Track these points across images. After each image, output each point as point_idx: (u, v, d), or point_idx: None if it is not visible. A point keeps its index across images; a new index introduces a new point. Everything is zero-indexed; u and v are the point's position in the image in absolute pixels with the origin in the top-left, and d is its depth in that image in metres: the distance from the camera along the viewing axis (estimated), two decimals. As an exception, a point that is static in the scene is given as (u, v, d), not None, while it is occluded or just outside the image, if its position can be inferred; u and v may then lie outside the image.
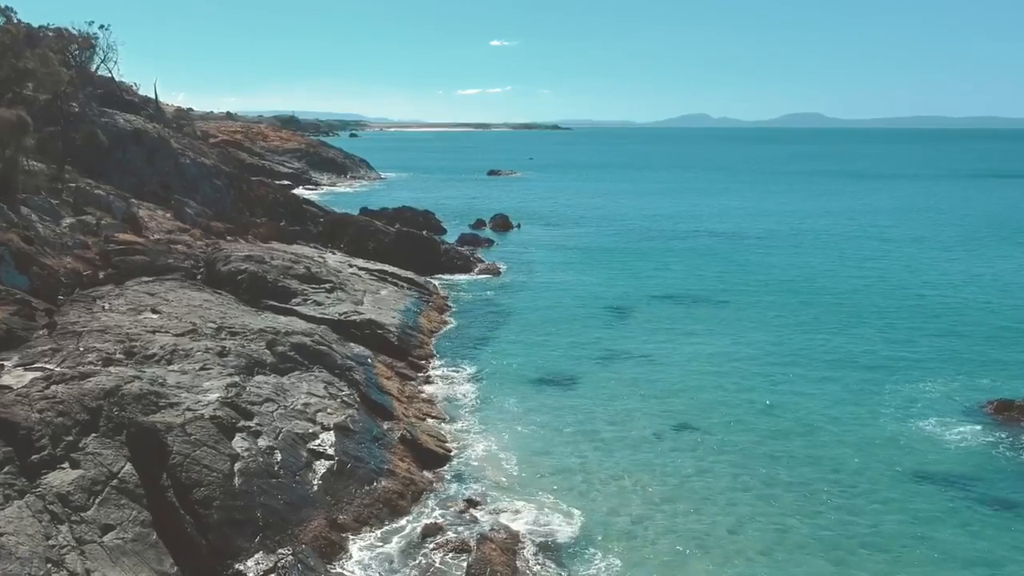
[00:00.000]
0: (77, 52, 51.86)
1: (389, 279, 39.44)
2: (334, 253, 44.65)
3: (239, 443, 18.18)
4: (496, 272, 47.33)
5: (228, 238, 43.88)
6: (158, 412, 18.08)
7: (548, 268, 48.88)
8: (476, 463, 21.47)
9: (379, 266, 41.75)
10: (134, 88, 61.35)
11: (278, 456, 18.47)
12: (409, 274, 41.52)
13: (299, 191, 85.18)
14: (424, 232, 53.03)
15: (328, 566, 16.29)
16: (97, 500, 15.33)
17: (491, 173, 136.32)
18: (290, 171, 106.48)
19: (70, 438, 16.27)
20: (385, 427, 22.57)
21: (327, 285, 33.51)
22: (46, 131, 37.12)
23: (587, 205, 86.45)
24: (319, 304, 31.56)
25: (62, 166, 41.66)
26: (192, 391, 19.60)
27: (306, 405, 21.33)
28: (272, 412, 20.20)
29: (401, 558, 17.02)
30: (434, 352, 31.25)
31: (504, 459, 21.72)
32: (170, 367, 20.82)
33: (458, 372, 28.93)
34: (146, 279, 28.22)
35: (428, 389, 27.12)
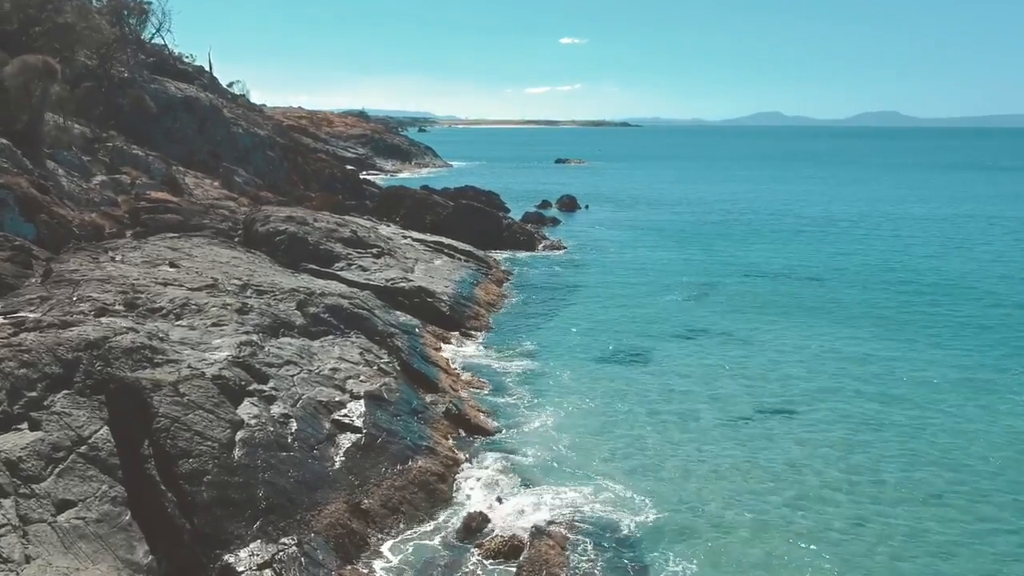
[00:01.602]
0: (127, 16, 49.93)
1: (445, 250, 36.19)
2: (388, 225, 41.62)
3: (246, 409, 14.97)
4: (561, 249, 43.75)
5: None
6: (152, 369, 15.01)
7: (618, 246, 45.08)
8: (530, 443, 17.90)
9: (435, 238, 38.54)
10: (188, 59, 59.34)
11: (293, 426, 15.23)
12: (467, 247, 38.19)
13: (363, 176, 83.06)
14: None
15: (346, 564, 12.94)
16: (57, 470, 12.28)
17: (559, 161, 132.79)
18: (354, 156, 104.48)
19: (33, 394, 13.27)
20: (428, 399, 19.21)
21: (374, 250, 30.37)
22: (83, 87, 34.72)
23: (659, 189, 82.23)
24: (364, 269, 28.42)
25: (105, 129, 39.53)
26: (198, 348, 16.51)
27: (334, 370, 18.09)
28: (293, 376, 17.00)
29: (438, 554, 13.62)
30: (490, 324, 27.83)
31: (562, 440, 18.10)
32: (177, 322, 17.79)
33: (514, 345, 25.43)
34: (171, 235, 25.42)
35: (480, 361, 23.68)
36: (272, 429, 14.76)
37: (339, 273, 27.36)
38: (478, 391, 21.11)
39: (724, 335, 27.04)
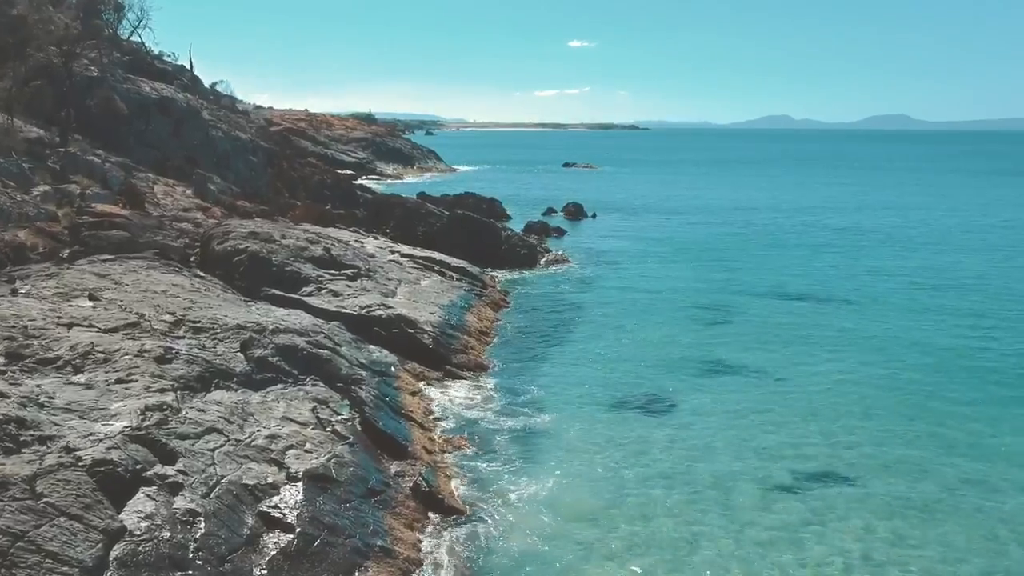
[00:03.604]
0: (103, 11, 46.43)
1: (436, 268, 32.47)
2: (376, 238, 37.95)
3: (137, 506, 11.25)
4: (566, 263, 39.99)
5: (257, 219, 37.67)
6: (16, 453, 11.29)
7: (627, 261, 41.26)
8: (517, 530, 14.08)
9: (426, 253, 34.83)
10: (168, 58, 55.72)
11: (200, 527, 11.47)
12: (461, 263, 34.47)
13: (362, 181, 79.74)
14: (489, 219, 45.79)
15: None
16: None
17: (566, 165, 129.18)
18: (354, 160, 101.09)
19: None
20: (392, 470, 15.45)
21: (350, 271, 26.64)
22: (32, 84, 31.14)
23: (671, 196, 78.33)
24: (336, 294, 24.70)
25: (66, 133, 36.00)
26: (88, 417, 12.78)
27: (272, 439, 14.32)
28: (213, 450, 13.24)
29: None
30: (481, 359, 24.04)
31: (557, 525, 14.30)
32: (73, 377, 14.07)
33: (507, 387, 21.67)
34: (106, 257, 21.75)
35: (465, 410, 19.89)
36: (168, 536, 11.01)
37: (305, 299, 23.67)
38: (459, 452, 17.36)
39: (749, 372, 23.26)
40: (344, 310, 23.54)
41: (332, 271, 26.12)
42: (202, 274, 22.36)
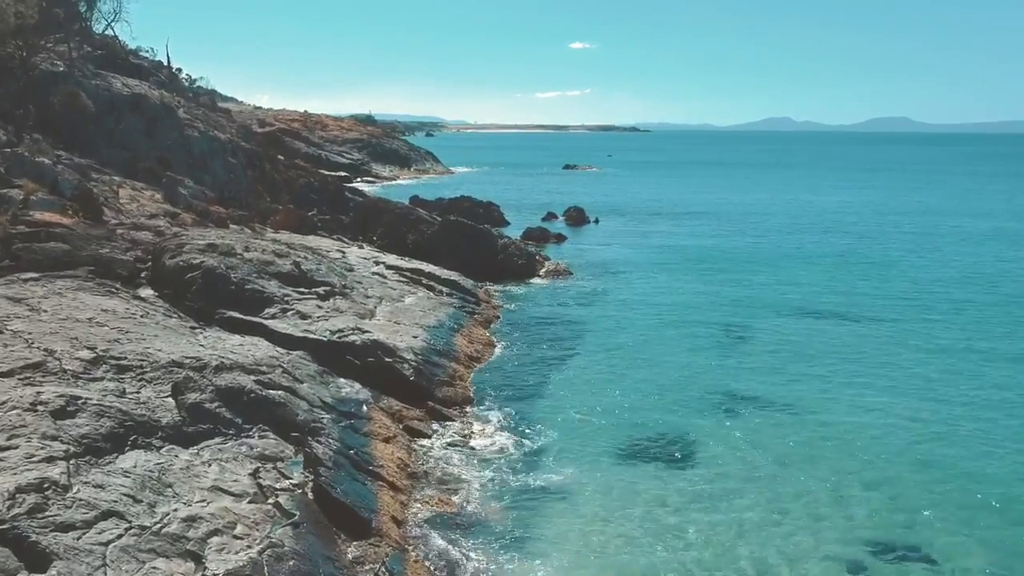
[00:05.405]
0: (77, 3, 43.33)
1: (424, 281, 29.36)
2: (362, 247, 34.83)
3: (-26, 643, 8.09)
4: (567, 274, 36.80)
5: (232, 226, 34.53)
6: None
7: (634, 272, 38.04)
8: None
9: (415, 264, 31.74)
10: (145, 53, 52.53)
11: (66, 670, 8.31)
12: (453, 275, 31.38)
13: (357, 183, 76.78)
14: (485, 225, 42.56)
15: None
16: None
17: (567, 167, 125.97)
18: (348, 162, 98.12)
19: None
20: (349, 556, 12.24)
21: (322, 289, 23.44)
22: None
23: (677, 200, 75.06)
24: (304, 317, 21.49)
25: (21, 131, 32.87)
26: (-65, 503, 9.61)
27: (191, 522, 11.13)
28: (107, 544, 10.07)
29: None
30: (469, 391, 20.86)
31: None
32: (-67, 443, 10.90)
33: (501, 428, 18.50)
34: (28, 276, 18.58)
35: (448, 461, 16.68)
36: None
37: (267, 323, 20.46)
38: (437, 520, 14.16)
39: (777, 407, 20.11)
40: (311, 335, 20.34)
41: (301, 289, 22.93)
42: (143, 296, 19.21)
